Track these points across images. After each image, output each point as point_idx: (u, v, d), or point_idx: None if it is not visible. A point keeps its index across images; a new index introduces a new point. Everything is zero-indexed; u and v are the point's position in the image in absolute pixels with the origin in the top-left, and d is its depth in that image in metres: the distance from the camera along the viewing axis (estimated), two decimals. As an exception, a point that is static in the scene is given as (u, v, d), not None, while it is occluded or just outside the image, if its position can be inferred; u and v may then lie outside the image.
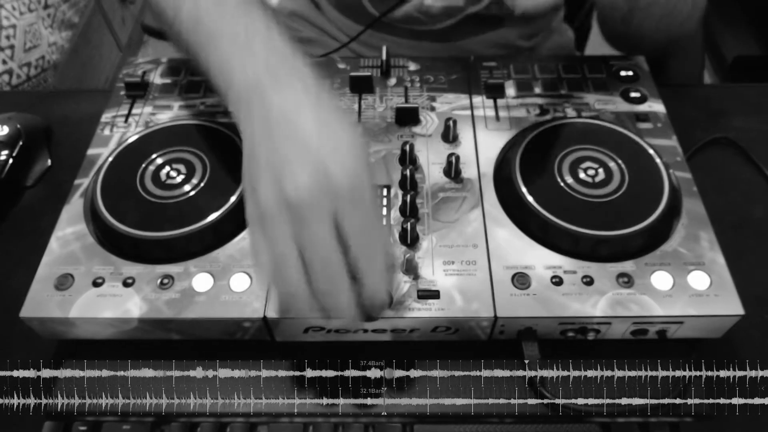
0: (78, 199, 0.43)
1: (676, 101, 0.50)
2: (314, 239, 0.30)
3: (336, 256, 0.30)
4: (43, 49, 1.09)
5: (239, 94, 0.34)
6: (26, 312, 0.37)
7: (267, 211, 0.30)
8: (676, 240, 0.40)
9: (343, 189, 0.30)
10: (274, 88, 0.33)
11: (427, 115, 0.48)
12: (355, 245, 0.30)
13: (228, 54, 0.36)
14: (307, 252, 0.30)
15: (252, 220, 0.32)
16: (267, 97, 0.33)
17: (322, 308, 0.31)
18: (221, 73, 0.36)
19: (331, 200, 0.30)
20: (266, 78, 0.34)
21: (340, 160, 0.31)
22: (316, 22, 0.67)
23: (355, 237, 0.30)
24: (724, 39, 1.37)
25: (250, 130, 0.33)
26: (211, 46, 0.37)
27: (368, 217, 0.31)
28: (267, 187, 0.31)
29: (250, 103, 0.34)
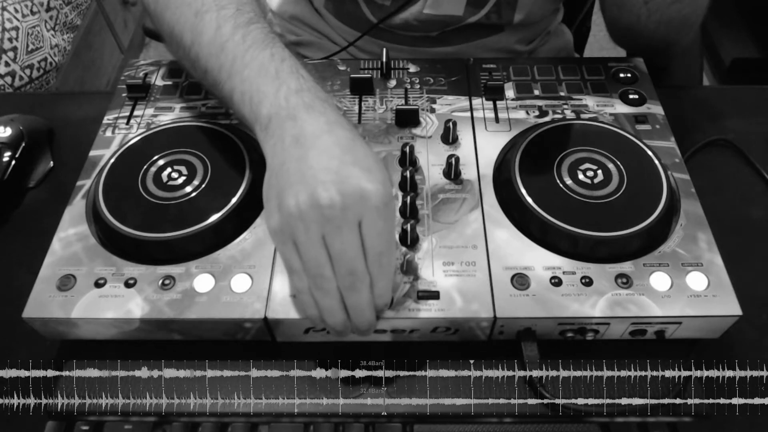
0: (80, 201, 0.43)
1: (674, 103, 0.50)
2: (344, 242, 0.32)
3: (362, 259, 0.33)
4: (45, 51, 1.09)
5: (270, 118, 0.36)
6: (29, 312, 0.37)
7: (299, 216, 0.32)
8: (675, 241, 0.40)
9: (374, 199, 0.32)
10: (307, 112, 0.35)
11: (427, 117, 0.48)
12: (373, 252, 0.33)
13: (257, 80, 0.37)
14: (336, 254, 0.32)
15: (277, 233, 0.33)
16: (300, 119, 0.35)
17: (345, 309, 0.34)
18: (249, 98, 0.37)
19: (361, 208, 0.32)
20: (299, 103, 0.36)
21: (372, 175, 0.33)
22: (317, 26, 0.67)
23: (375, 245, 0.33)
24: (722, 41, 1.38)
25: (281, 149, 0.35)
26: (237, 72, 0.38)
27: (390, 227, 0.34)
28: (298, 196, 0.32)
29: (282, 126, 0.35)
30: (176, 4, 0.43)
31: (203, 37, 0.40)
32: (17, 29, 1.03)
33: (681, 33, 0.53)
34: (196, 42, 0.41)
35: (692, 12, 0.51)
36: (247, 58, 0.38)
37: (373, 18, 0.61)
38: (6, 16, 1.02)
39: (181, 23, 0.42)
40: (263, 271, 0.39)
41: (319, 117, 0.35)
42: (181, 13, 0.42)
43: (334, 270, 0.32)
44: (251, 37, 0.39)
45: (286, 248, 0.33)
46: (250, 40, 0.39)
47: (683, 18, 0.51)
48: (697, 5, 0.50)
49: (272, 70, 0.37)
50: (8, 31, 1.01)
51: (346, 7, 0.62)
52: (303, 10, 0.67)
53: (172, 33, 0.43)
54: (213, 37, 0.40)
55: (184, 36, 0.42)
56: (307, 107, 0.35)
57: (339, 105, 0.50)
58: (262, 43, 0.39)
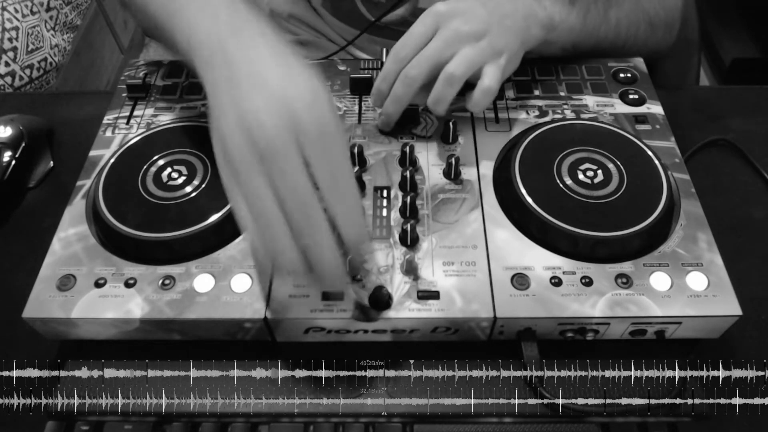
0: (80, 200, 0.43)
1: (674, 103, 0.50)
2: (288, 180, 0.30)
3: (312, 196, 0.30)
4: (45, 51, 1.09)
5: (203, 56, 0.35)
6: (29, 312, 0.37)
7: (238, 159, 0.30)
8: (675, 241, 0.40)
9: (308, 125, 0.30)
10: (237, 46, 0.34)
11: (427, 117, 0.48)
12: (327, 186, 0.30)
13: (194, 19, 0.37)
14: (284, 195, 0.30)
15: (225, 176, 0.32)
16: (230, 54, 0.34)
17: (307, 264, 0.31)
18: (187, 38, 0.37)
19: (298, 137, 0.30)
20: (230, 38, 0.34)
21: (303, 99, 0.31)
22: (314, 24, 0.67)
23: (323, 173, 0.30)
24: (722, 41, 1.37)
25: (214, 87, 0.33)
26: (178, 14, 0.38)
27: (337, 155, 0.31)
28: (235, 136, 0.30)
29: (213, 63, 0.34)
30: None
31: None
32: (17, 29, 1.03)
33: (651, 49, 0.54)
34: None
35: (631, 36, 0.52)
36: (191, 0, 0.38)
37: (369, 15, 0.61)
38: (6, 16, 1.02)
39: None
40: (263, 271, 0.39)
41: (248, 46, 0.34)
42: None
43: (284, 212, 0.30)
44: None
45: (234, 195, 0.31)
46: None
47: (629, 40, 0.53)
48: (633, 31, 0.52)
49: (208, 8, 0.37)
50: (8, 31, 1.01)
51: (343, 5, 0.62)
52: (300, 9, 0.67)
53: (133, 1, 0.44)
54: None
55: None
56: (236, 35, 0.34)
57: (339, 105, 0.50)
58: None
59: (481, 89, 0.42)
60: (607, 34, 0.51)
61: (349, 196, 0.31)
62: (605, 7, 0.51)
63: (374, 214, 0.42)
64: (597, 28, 0.51)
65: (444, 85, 0.42)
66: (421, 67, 0.42)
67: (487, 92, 0.42)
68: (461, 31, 0.42)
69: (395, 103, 0.44)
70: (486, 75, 0.42)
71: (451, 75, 0.41)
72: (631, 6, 0.52)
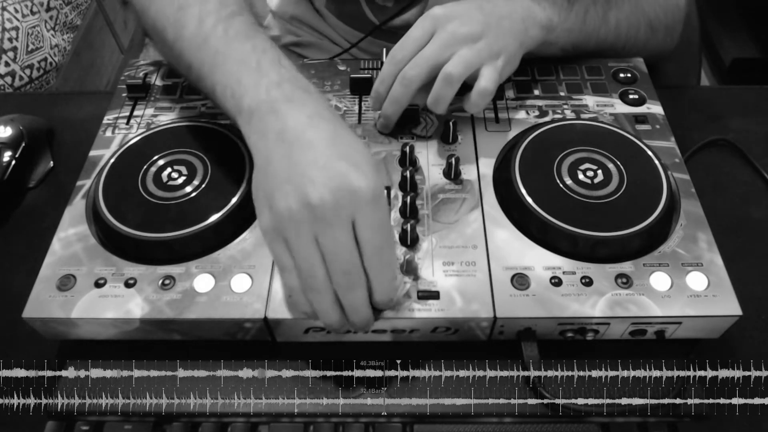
0: (80, 201, 0.43)
1: (674, 103, 0.50)
2: (337, 242, 0.32)
3: (356, 258, 0.32)
4: (45, 51, 1.09)
5: (252, 112, 0.36)
6: (28, 312, 0.37)
7: (289, 217, 0.31)
8: (675, 241, 0.40)
9: (364, 195, 0.32)
10: (288, 105, 0.35)
11: (427, 117, 0.48)
12: (370, 249, 0.32)
13: (238, 74, 0.37)
14: (330, 254, 0.32)
15: (269, 232, 0.33)
16: (282, 113, 0.34)
17: (340, 308, 0.34)
18: (231, 92, 0.37)
19: (353, 205, 0.31)
20: (280, 96, 0.35)
21: (360, 169, 0.32)
22: (317, 26, 0.67)
23: (370, 241, 0.32)
24: (723, 41, 1.37)
25: (265, 145, 0.34)
26: (219, 65, 0.38)
27: (385, 220, 0.33)
28: (288, 196, 0.32)
29: (264, 121, 0.35)
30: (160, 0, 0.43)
31: (185, 31, 0.40)
32: (17, 29, 1.03)
33: (653, 53, 0.54)
34: (179, 37, 0.41)
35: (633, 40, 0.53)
36: (228, 51, 0.38)
37: (374, 19, 0.61)
38: (6, 16, 1.02)
39: (163, 18, 0.42)
40: (263, 271, 0.39)
41: (300, 109, 0.35)
42: (164, 8, 0.42)
43: (328, 270, 0.32)
44: (233, 29, 0.39)
45: (278, 248, 0.33)
46: (233, 32, 0.39)
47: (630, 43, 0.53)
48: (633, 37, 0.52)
49: (253, 62, 0.37)
50: (8, 31, 1.01)
51: (348, 8, 0.62)
52: (303, 10, 0.67)
53: (155, 28, 0.43)
54: (195, 31, 0.40)
55: (167, 31, 0.42)
56: (288, 100, 0.35)
57: (339, 105, 0.50)
58: (244, 36, 0.39)
59: (478, 90, 0.42)
60: (607, 36, 0.51)
61: (389, 268, 0.34)
62: (605, 9, 0.51)
63: (374, 214, 0.42)
64: (596, 29, 0.51)
65: (442, 85, 0.42)
66: (419, 67, 0.42)
67: (483, 93, 0.43)
68: (459, 33, 0.42)
69: (394, 104, 0.44)
70: (483, 77, 0.42)
71: (449, 75, 0.41)
72: (631, 8, 0.52)
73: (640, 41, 0.53)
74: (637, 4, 0.52)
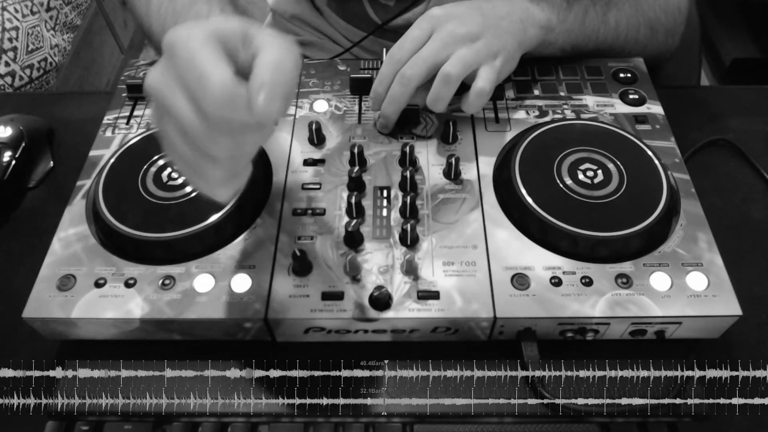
0: (80, 200, 0.43)
1: (674, 103, 0.50)
2: (174, 113, 0.29)
3: (195, 121, 0.29)
4: (45, 51, 1.09)
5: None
6: (29, 312, 0.37)
7: (151, 102, 0.30)
8: (675, 241, 0.40)
9: (167, 54, 0.29)
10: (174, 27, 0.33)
11: (427, 117, 0.48)
12: (194, 90, 0.28)
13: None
14: (179, 127, 0.29)
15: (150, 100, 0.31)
16: (167, 35, 0.31)
17: None
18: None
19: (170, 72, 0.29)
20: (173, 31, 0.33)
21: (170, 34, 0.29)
22: (318, 25, 0.67)
23: (189, 84, 0.28)
24: (723, 41, 1.37)
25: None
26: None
27: (189, 61, 0.28)
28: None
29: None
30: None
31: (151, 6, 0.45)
32: (17, 29, 1.03)
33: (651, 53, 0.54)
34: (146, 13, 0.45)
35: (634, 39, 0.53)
36: (181, 18, 0.42)
37: (376, 17, 0.61)
38: (6, 16, 1.02)
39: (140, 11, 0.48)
40: (263, 271, 0.39)
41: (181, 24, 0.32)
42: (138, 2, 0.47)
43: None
44: (179, 4, 0.44)
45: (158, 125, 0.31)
46: (179, 7, 0.44)
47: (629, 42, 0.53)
48: None
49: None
50: (8, 31, 1.02)
51: (350, 7, 0.62)
52: (304, 9, 0.67)
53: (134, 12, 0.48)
54: (156, 4, 0.44)
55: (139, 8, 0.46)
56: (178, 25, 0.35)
57: (339, 105, 0.50)
58: (189, 4, 0.43)
59: (475, 91, 0.43)
60: (607, 37, 0.51)
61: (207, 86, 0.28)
62: (604, 10, 0.51)
63: (374, 214, 0.42)
64: (596, 30, 0.51)
65: (441, 85, 0.42)
66: (417, 67, 0.42)
67: (480, 94, 0.43)
68: (457, 33, 0.42)
69: (392, 104, 0.44)
70: (480, 77, 0.42)
71: (448, 75, 0.42)
72: (631, 9, 0.52)
73: (640, 42, 0.53)
74: (637, 6, 0.52)
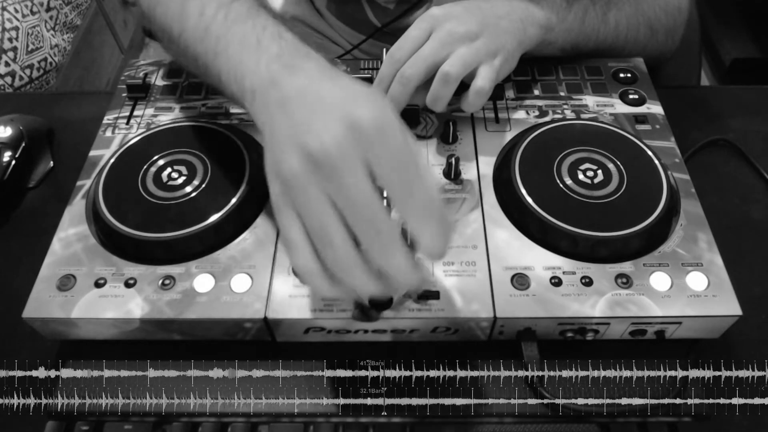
0: (80, 201, 0.43)
1: (674, 103, 0.50)
2: (353, 192, 0.26)
3: (381, 207, 0.27)
4: (45, 51, 1.09)
5: (254, 91, 0.34)
6: (28, 312, 0.37)
7: (293, 176, 0.27)
8: (675, 241, 0.40)
9: (368, 126, 0.27)
10: (287, 73, 0.33)
11: (427, 117, 0.48)
12: (397, 187, 0.27)
13: (240, 55, 0.36)
14: (346, 208, 0.27)
15: (278, 202, 0.29)
16: (281, 83, 0.32)
17: (378, 276, 0.28)
18: (234, 75, 0.36)
19: (359, 142, 0.27)
20: (279, 68, 0.33)
21: (359, 101, 0.28)
22: (318, 27, 0.67)
23: (394, 179, 0.27)
24: (723, 41, 1.37)
25: (269, 117, 0.32)
26: (221, 51, 0.37)
27: (404, 151, 0.27)
28: (290, 156, 0.28)
29: (266, 95, 0.33)
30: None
31: (188, 23, 0.39)
32: (17, 29, 1.03)
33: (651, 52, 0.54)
34: (184, 30, 0.40)
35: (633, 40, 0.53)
36: (229, 36, 0.37)
37: (376, 21, 0.61)
38: (6, 16, 1.02)
39: (169, 15, 0.42)
40: (263, 271, 0.39)
41: (299, 74, 0.32)
42: (168, 5, 0.42)
43: (350, 228, 0.27)
44: (234, 13, 0.38)
45: (286, 219, 0.28)
46: (233, 16, 0.38)
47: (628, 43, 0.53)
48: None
49: (253, 40, 0.36)
50: (8, 31, 1.01)
51: (349, 10, 0.62)
52: (304, 11, 0.67)
53: (163, 28, 0.43)
54: (197, 21, 0.39)
55: (173, 27, 0.41)
56: (289, 68, 0.33)
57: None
58: (245, 17, 0.38)
59: (475, 90, 0.43)
60: (606, 36, 0.51)
61: (429, 205, 0.27)
62: (604, 10, 0.51)
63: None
64: (596, 29, 0.51)
65: (440, 84, 0.42)
66: (417, 66, 0.42)
67: (480, 93, 0.43)
68: (456, 32, 0.42)
69: (392, 104, 0.44)
70: (479, 76, 0.42)
71: (447, 74, 0.41)
72: (631, 9, 0.52)
73: (640, 42, 0.53)
74: (637, 6, 0.52)
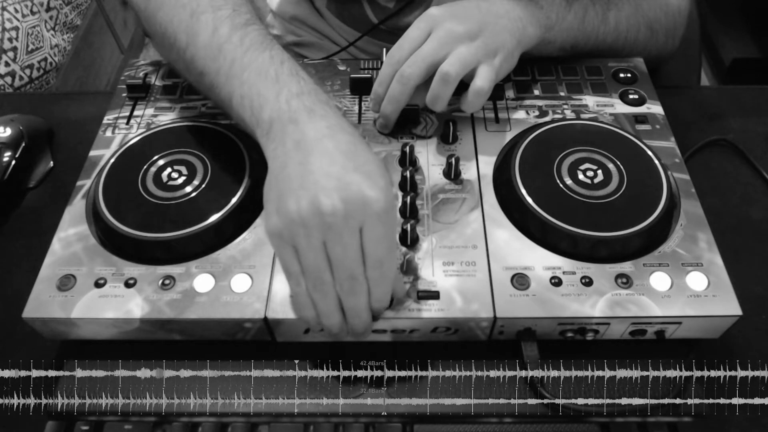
0: (80, 201, 0.43)
1: (674, 103, 0.50)
2: (346, 249, 0.32)
3: (361, 265, 0.33)
4: (45, 51, 1.09)
5: (272, 123, 0.36)
6: (29, 312, 0.37)
7: (300, 221, 0.32)
8: (675, 241, 0.40)
9: (375, 207, 0.32)
10: (308, 115, 0.35)
11: (427, 117, 0.48)
12: (372, 261, 0.33)
13: (257, 85, 0.37)
14: (337, 260, 0.32)
15: (275, 235, 0.33)
16: (301, 123, 0.35)
17: (341, 312, 0.34)
18: (250, 103, 0.37)
19: (362, 215, 0.32)
20: (300, 107, 0.36)
21: (374, 182, 0.33)
22: (317, 26, 0.67)
23: (373, 254, 0.33)
24: (723, 41, 1.37)
25: (283, 152, 0.34)
26: (235, 74, 0.38)
27: (391, 234, 0.34)
28: (300, 201, 0.32)
29: (284, 130, 0.35)
30: (170, 5, 0.42)
31: (199, 38, 0.40)
32: (17, 29, 1.03)
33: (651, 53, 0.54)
34: (192, 43, 0.41)
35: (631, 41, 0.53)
36: (245, 61, 0.38)
37: (376, 20, 0.61)
38: (6, 16, 1.02)
39: (175, 24, 0.42)
40: (263, 271, 0.39)
41: (320, 121, 0.35)
42: (175, 14, 0.42)
43: (333, 274, 0.33)
44: (249, 39, 0.39)
45: (285, 252, 0.33)
46: (248, 42, 0.39)
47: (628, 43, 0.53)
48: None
49: (272, 72, 0.37)
50: (8, 31, 1.01)
51: (349, 8, 0.62)
52: (304, 10, 0.67)
53: (164, 34, 0.43)
54: (210, 38, 0.40)
55: (178, 37, 0.41)
56: (309, 111, 0.35)
57: (339, 105, 0.50)
58: (261, 45, 0.39)
59: (474, 90, 0.43)
60: (606, 36, 0.51)
61: (386, 281, 0.34)
62: (604, 9, 0.51)
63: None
64: (596, 29, 0.51)
65: (440, 84, 0.42)
66: (416, 66, 0.42)
67: (479, 92, 0.43)
68: (455, 31, 0.42)
69: (392, 103, 0.44)
70: (479, 76, 0.42)
71: (446, 74, 0.42)
72: (631, 9, 0.52)
73: (639, 42, 0.53)
74: (637, 6, 0.52)
